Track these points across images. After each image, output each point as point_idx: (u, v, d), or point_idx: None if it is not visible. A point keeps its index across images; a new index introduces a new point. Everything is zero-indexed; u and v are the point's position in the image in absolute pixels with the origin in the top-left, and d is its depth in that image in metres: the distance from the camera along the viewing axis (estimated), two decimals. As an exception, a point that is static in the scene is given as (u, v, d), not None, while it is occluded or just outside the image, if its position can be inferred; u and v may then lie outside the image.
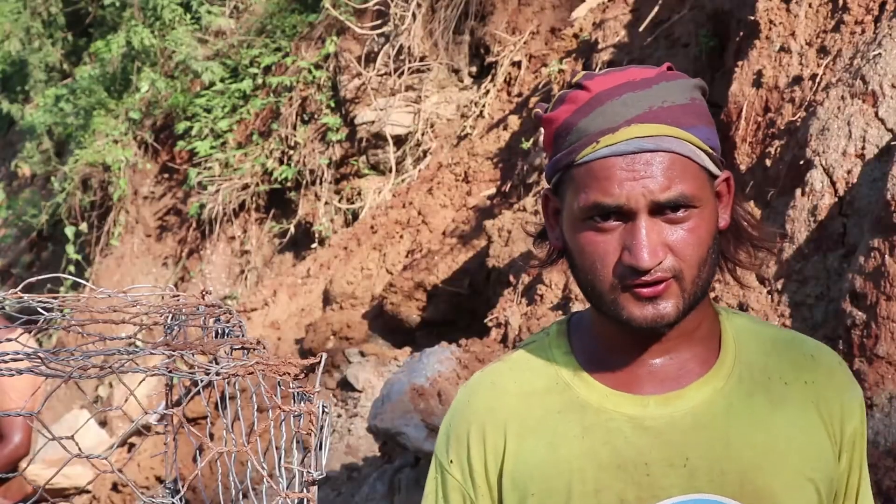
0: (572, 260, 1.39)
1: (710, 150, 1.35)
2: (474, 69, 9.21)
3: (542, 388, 1.43)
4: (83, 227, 10.78)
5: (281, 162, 9.79)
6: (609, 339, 1.42)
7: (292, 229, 9.55)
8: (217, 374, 1.16)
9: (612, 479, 1.37)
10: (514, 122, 8.18)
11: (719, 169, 1.38)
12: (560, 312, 5.53)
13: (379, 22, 9.40)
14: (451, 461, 1.45)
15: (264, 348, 1.27)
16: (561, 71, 7.81)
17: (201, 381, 1.15)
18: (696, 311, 1.38)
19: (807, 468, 1.39)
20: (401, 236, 8.04)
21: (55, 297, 1.34)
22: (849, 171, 4.34)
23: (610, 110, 1.33)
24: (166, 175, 10.86)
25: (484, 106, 8.71)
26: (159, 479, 6.70)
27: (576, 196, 1.34)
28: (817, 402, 1.42)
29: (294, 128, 9.74)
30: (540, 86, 8.14)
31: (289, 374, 1.18)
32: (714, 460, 1.37)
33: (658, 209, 1.31)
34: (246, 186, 9.85)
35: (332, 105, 9.61)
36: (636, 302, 1.33)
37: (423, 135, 9.08)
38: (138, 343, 1.38)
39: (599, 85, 1.35)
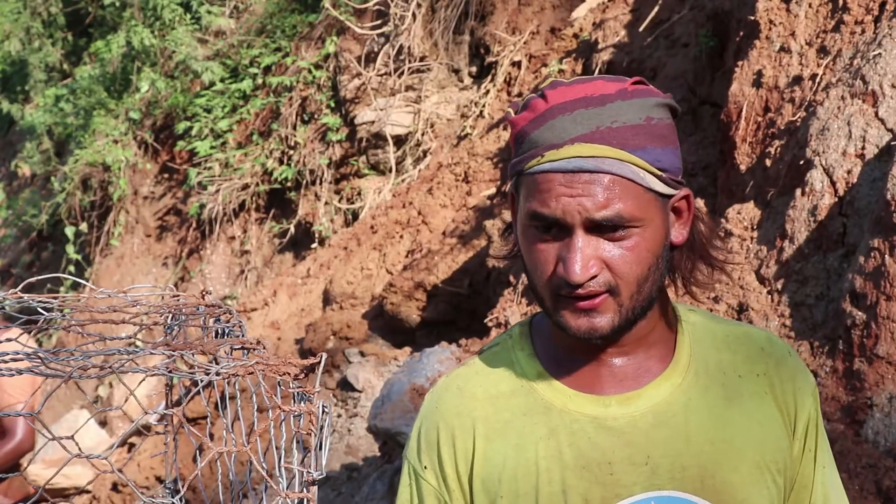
0: (524, 260, 1.42)
1: (659, 171, 1.36)
2: (474, 69, 9.21)
3: (508, 391, 1.46)
4: (83, 227, 10.78)
5: (281, 162, 9.79)
6: (566, 341, 1.45)
7: (292, 229, 9.55)
8: (217, 374, 1.16)
9: (577, 479, 1.40)
10: (514, 122, 8.17)
11: (674, 188, 1.39)
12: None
13: (379, 22, 9.40)
14: (426, 467, 1.47)
15: (264, 348, 1.27)
16: (561, 71, 7.81)
17: (201, 381, 1.15)
18: (648, 319, 1.41)
19: (763, 460, 1.42)
20: (401, 236, 8.04)
21: (55, 297, 1.34)
22: (849, 171, 4.34)
23: (559, 125, 1.35)
24: (166, 175, 10.86)
25: (484, 106, 8.71)
26: (159, 479, 6.71)
27: (524, 203, 1.38)
28: (772, 392, 1.46)
29: (294, 128, 9.74)
30: (540, 86, 8.13)
31: (289, 374, 1.18)
32: (675, 457, 1.40)
33: (595, 227, 1.34)
34: (246, 186, 9.85)
35: (332, 105, 9.61)
36: (572, 313, 1.37)
37: (423, 135, 9.08)
38: (138, 343, 1.38)
39: (558, 97, 1.37)
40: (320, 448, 1.16)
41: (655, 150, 1.36)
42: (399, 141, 9.20)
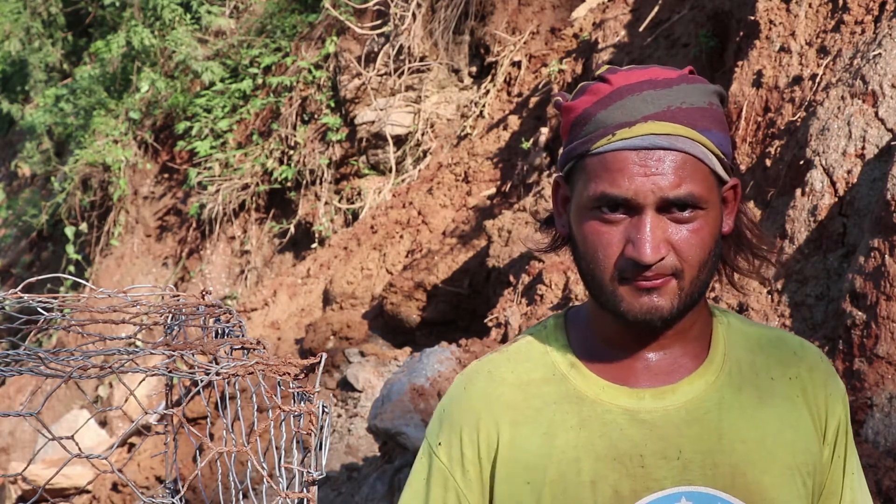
0: (576, 248, 1.41)
1: (722, 155, 1.37)
2: (474, 69, 9.21)
3: (540, 379, 1.45)
4: (83, 227, 10.78)
5: (281, 162, 9.79)
6: (606, 333, 1.44)
7: (292, 229, 9.55)
8: (217, 374, 1.16)
9: (607, 470, 1.39)
10: (514, 122, 8.19)
11: (729, 175, 1.40)
12: (560, 312, 5.52)
13: (379, 22, 9.40)
14: (440, 444, 1.46)
15: (264, 348, 1.27)
16: (561, 71, 7.81)
17: (201, 381, 1.15)
18: (692, 312, 1.41)
19: (794, 462, 1.42)
20: (401, 236, 8.05)
21: (55, 297, 1.34)
22: (849, 171, 4.34)
23: (629, 105, 1.35)
24: (166, 175, 10.87)
25: (484, 106, 8.71)
26: (159, 479, 6.71)
27: (586, 185, 1.36)
28: (804, 396, 1.46)
29: (294, 128, 9.75)
30: (540, 86, 8.13)
31: (289, 374, 1.18)
32: (707, 453, 1.40)
33: (665, 206, 1.33)
34: (246, 186, 9.85)
35: (332, 105, 9.62)
36: (634, 293, 1.35)
37: (423, 135, 9.08)
38: (138, 343, 1.38)
39: (622, 79, 1.37)
40: (320, 448, 1.16)
41: (719, 134, 1.37)
42: (399, 141, 9.21)
